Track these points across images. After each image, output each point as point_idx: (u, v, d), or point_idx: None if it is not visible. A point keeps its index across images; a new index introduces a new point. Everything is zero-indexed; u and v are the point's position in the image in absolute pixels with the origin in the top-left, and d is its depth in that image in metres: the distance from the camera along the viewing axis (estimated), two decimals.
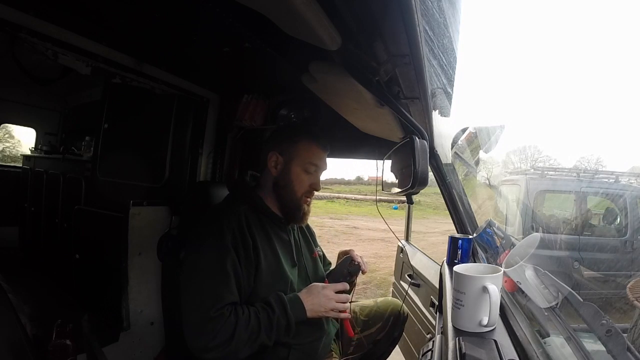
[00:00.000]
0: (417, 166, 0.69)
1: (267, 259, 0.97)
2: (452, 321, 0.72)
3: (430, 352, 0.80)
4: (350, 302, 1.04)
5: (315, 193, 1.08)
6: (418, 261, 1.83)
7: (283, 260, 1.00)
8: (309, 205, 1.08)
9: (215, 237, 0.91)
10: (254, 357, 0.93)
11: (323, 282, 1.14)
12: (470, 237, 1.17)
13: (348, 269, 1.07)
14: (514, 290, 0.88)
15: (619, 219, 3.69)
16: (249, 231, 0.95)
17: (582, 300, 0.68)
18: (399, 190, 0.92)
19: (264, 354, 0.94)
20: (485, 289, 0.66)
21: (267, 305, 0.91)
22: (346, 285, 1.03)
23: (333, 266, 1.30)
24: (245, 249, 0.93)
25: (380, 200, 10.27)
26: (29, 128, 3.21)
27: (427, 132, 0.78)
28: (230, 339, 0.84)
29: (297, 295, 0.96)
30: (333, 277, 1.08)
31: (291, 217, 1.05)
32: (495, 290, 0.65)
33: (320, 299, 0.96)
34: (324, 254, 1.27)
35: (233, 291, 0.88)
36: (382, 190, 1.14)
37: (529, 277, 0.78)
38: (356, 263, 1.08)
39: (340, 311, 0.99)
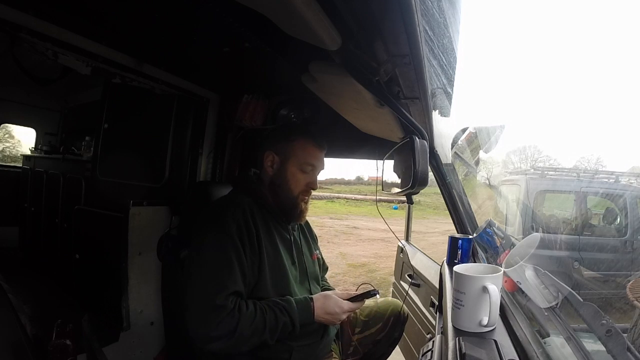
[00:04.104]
0: (417, 166, 0.69)
1: (268, 252, 0.97)
2: (452, 321, 0.72)
3: (430, 352, 0.80)
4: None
5: (316, 193, 1.08)
6: (418, 261, 1.83)
7: (283, 256, 1.01)
8: (306, 203, 1.08)
9: (220, 228, 0.92)
10: (256, 357, 0.93)
11: (319, 287, 1.13)
12: (470, 237, 1.17)
13: (365, 296, 1.06)
14: (514, 290, 0.88)
15: (619, 219, 3.69)
16: (253, 222, 0.95)
17: (582, 300, 0.68)
18: (399, 190, 0.92)
19: (265, 356, 0.94)
20: (485, 289, 0.66)
21: (276, 306, 0.91)
22: (360, 306, 1.04)
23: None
24: (249, 239, 0.93)
25: (380, 200, 10.27)
26: (29, 128, 3.21)
27: (427, 132, 0.78)
28: (232, 333, 0.84)
29: (307, 299, 0.96)
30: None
31: (288, 215, 1.05)
32: (495, 290, 0.65)
33: (334, 308, 0.97)
34: (322, 259, 1.27)
35: (237, 281, 0.88)
36: (382, 190, 1.14)
37: (529, 277, 0.78)
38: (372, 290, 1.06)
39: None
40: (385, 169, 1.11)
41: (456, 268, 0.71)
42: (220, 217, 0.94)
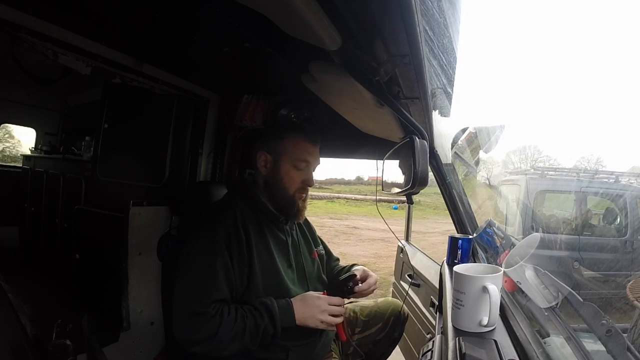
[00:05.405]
0: (417, 166, 0.69)
1: (260, 256, 0.96)
2: (452, 321, 0.72)
3: (430, 352, 0.80)
4: (345, 305, 1.04)
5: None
6: (418, 261, 1.83)
7: (278, 260, 1.00)
8: (304, 201, 1.07)
9: (209, 235, 0.92)
10: (252, 358, 0.93)
11: (321, 285, 1.13)
12: (470, 237, 1.17)
13: (349, 285, 1.05)
14: (514, 290, 0.88)
15: (619, 219, 3.69)
16: (243, 227, 0.95)
17: (582, 300, 0.68)
18: (399, 190, 0.92)
19: (262, 356, 0.94)
20: (485, 289, 0.66)
21: (256, 310, 0.90)
22: (342, 300, 1.01)
23: (341, 262, 1.31)
24: (238, 246, 0.93)
25: (380, 200, 10.26)
26: (29, 128, 3.22)
27: (427, 132, 0.78)
28: (213, 337, 0.84)
29: (289, 302, 0.94)
30: (333, 287, 1.06)
31: (286, 214, 1.05)
32: (495, 290, 0.65)
33: (313, 310, 0.95)
34: (328, 251, 1.26)
35: (220, 289, 0.89)
36: (382, 190, 1.14)
37: (529, 277, 0.78)
38: (357, 279, 1.05)
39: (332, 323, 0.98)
40: (385, 169, 1.11)
41: (456, 268, 0.71)
42: (211, 224, 0.94)
